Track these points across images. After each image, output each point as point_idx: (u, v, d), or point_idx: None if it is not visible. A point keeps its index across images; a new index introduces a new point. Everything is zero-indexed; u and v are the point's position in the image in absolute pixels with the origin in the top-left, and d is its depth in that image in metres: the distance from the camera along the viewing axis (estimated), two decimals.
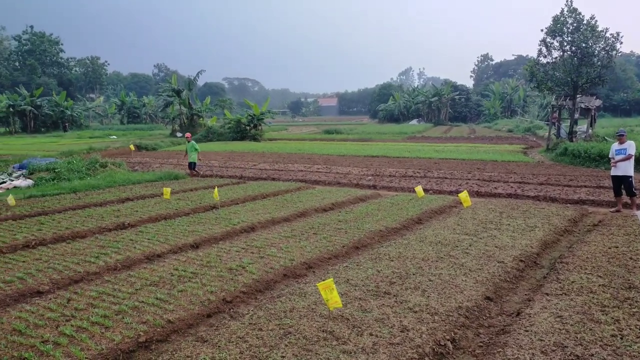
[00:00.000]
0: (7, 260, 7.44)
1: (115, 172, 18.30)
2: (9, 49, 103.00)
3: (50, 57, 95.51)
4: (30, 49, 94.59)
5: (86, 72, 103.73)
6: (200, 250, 8.09)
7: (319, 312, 5.46)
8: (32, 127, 57.51)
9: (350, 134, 47.49)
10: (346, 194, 13.42)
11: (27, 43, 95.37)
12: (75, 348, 4.61)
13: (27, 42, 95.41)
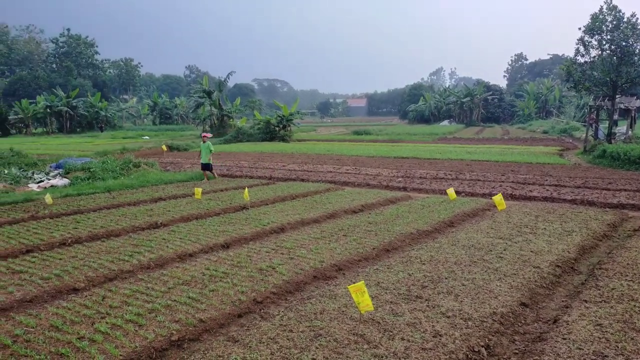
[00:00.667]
0: (45, 257, 7.65)
1: (148, 172, 18.65)
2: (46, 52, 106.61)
3: (85, 59, 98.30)
4: (66, 51, 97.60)
5: (120, 73, 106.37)
6: (230, 250, 8.14)
7: (349, 315, 5.42)
8: (68, 128, 59.27)
9: (380, 134, 47.16)
10: (376, 195, 13.31)
11: (64, 46, 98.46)
12: (110, 345, 4.68)
13: (64, 45, 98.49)
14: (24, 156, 20.98)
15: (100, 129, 59.41)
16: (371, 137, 44.08)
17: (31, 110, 56.56)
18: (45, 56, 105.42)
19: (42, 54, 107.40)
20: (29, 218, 10.66)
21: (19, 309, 5.73)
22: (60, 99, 58.86)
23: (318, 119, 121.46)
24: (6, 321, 5.33)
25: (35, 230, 9.41)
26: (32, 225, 9.89)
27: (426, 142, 38.51)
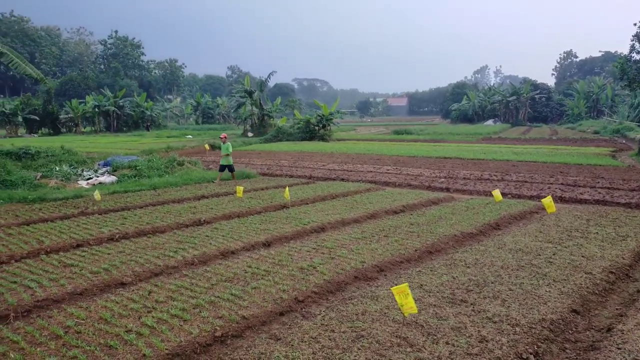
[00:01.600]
0: (94, 252, 7.92)
1: (192, 171, 19.04)
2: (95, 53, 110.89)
3: (132, 60, 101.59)
4: (114, 53, 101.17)
5: (165, 74, 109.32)
6: (272, 249, 8.19)
7: (391, 317, 5.34)
8: (115, 127, 61.34)
9: (421, 134, 46.47)
10: (418, 196, 13.10)
11: (112, 47, 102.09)
12: (156, 339, 4.78)
13: (112, 47, 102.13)
14: (74, 154, 21.82)
15: (146, 128, 61.21)
16: (412, 137, 43.49)
17: (80, 109, 58.86)
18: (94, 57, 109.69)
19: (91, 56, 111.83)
20: (79, 214, 11.07)
21: (70, 301, 5.95)
22: (108, 99, 61.00)
23: (358, 118, 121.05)
24: (58, 312, 5.54)
25: (85, 225, 9.76)
26: (81, 220, 10.27)
27: (470, 142, 37.64)
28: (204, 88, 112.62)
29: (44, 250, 8.00)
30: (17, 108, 55.40)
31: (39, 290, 6.14)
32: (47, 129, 57.25)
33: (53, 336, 4.93)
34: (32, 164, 18.88)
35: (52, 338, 4.89)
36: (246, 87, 48.48)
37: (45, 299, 5.89)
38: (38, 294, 6.00)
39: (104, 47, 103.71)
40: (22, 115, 55.05)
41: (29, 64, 16.14)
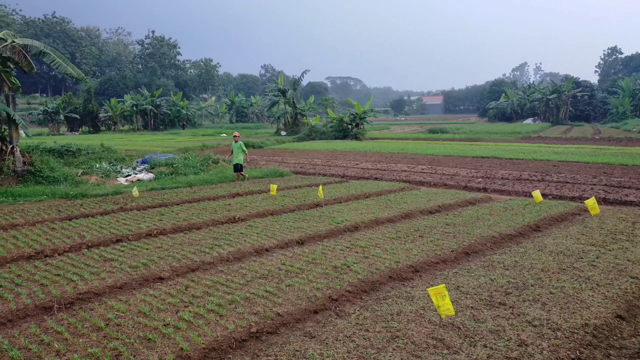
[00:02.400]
0: (133, 247, 8.11)
1: (226, 169, 19.30)
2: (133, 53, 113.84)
3: (168, 60, 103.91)
4: (151, 53, 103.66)
5: (200, 73, 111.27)
6: (305, 247, 8.20)
7: (427, 318, 5.25)
8: (152, 125, 62.83)
9: (457, 133, 45.71)
10: (454, 196, 12.88)
11: (149, 47, 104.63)
12: (193, 333, 4.85)
13: (149, 47, 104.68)
14: (113, 152, 22.47)
15: (182, 127, 62.47)
16: (448, 136, 42.82)
17: (119, 108, 60.58)
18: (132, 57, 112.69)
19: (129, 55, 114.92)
20: (118, 209, 11.37)
21: (111, 294, 6.10)
22: (145, 97, 62.54)
23: (391, 117, 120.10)
24: (99, 305, 5.69)
25: (124, 221, 10.02)
26: (121, 216, 10.54)
27: (508, 141, 36.77)
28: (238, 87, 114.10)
29: (85, 245, 8.25)
30: (59, 107, 57.48)
31: (81, 283, 6.33)
32: (87, 127, 59.14)
33: (94, 328, 5.07)
34: (74, 161, 19.54)
35: (94, 330, 5.03)
36: (280, 86, 48.83)
37: (87, 291, 6.07)
38: (80, 287, 6.19)
39: (142, 47, 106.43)
40: (64, 114, 57.07)
41: (70, 63, 16.66)
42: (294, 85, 48.96)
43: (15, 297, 5.87)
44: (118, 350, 4.55)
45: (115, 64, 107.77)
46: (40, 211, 11.09)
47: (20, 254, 7.70)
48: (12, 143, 15.26)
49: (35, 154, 17.55)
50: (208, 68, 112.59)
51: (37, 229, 9.31)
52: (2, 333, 5.01)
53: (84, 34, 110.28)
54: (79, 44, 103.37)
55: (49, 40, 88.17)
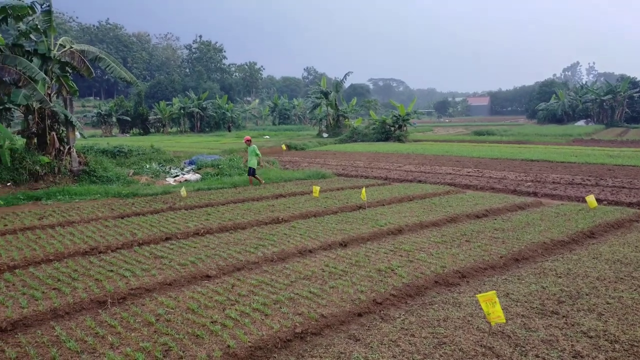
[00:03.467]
0: (181, 245, 8.33)
1: (269, 170, 19.54)
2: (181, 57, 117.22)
3: (214, 64, 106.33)
4: (198, 57, 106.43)
5: (244, 76, 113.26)
6: (348, 249, 8.18)
7: (475, 325, 5.13)
8: (199, 127, 64.38)
9: (504, 135, 44.37)
10: (502, 200, 12.53)
11: (196, 52, 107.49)
12: (240, 331, 4.93)
13: (196, 51, 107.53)
14: (162, 153, 23.18)
15: (227, 129, 63.69)
16: (495, 138, 41.68)
17: (167, 111, 62.43)
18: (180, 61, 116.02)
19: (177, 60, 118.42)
20: (167, 209, 11.72)
21: (161, 290, 6.29)
22: (192, 101, 64.20)
23: (435, 118, 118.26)
24: (150, 301, 5.87)
25: (173, 220, 10.31)
26: (169, 215, 10.86)
27: (559, 143, 35.43)
28: (281, 89, 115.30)
29: (137, 242, 8.55)
30: (112, 109, 59.86)
31: (132, 279, 6.56)
32: (138, 129, 61.26)
33: (145, 323, 5.23)
34: (125, 161, 20.30)
35: (145, 324, 5.19)
36: (322, 88, 48.96)
37: (138, 287, 6.28)
38: (132, 283, 6.41)
39: (189, 51, 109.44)
40: (116, 116, 59.38)
41: (123, 68, 17.33)
42: (337, 88, 48.95)
43: (72, 291, 6.15)
44: (168, 346, 4.68)
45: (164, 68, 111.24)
46: (95, 209, 11.57)
47: (77, 249, 8.06)
48: (69, 144, 16.01)
49: (90, 155, 18.34)
50: (252, 71, 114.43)
51: (92, 226, 9.72)
52: (61, 325, 5.25)
53: (135, 39, 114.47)
54: (131, 49, 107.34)
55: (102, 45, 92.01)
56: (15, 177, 14.26)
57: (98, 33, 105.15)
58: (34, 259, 7.57)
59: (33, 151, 15.23)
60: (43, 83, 14.73)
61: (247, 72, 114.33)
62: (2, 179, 13.93)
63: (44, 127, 15.61)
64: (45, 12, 14.99)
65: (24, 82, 13.85)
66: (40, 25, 15.31)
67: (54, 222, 10.11)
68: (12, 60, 14.01)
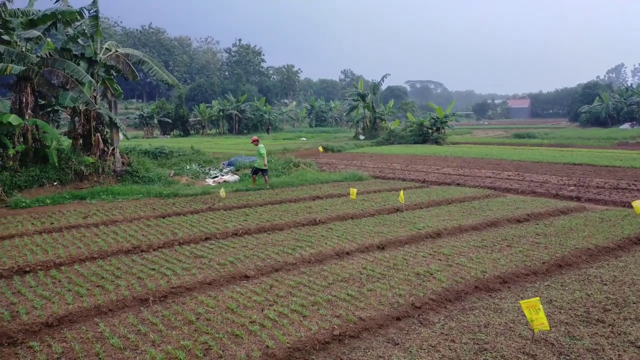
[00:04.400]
0: (221, 245, 8.48)
1: (306, 172, 19.64)
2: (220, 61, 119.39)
3: (253, 67, 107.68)
4: (237, 60, 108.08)
5: (282, 79, 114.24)
6: (386, 252, 8.12)
7: (517, 332, 5.00)
8: (237, 129, 65.33)
9: (546, 138, 43.15)
10: (543, 204, 12.17)
11: (235, 55, 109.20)
12: (278, 332, 4.97)
13: (235, 54, 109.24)
14: (202, 154, 23.65)
15: (266, 131, 64.43)
16: (536, 141, 40.55)
17: (207, 113, 63.63)
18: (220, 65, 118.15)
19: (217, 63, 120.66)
20: (207, 209, 11.94)
21: (200, 289, 6.41)
22: (231, 103, 65.26)
23: (474, 121, 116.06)
24: (190, 300, 6.00)
25: (212, 220, 10.50)
26: (209, 215, 11.07)
27: (602, 147, 34.12)
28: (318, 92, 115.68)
29: (177, 242, 8.75)
30: (153, 112, 61.52)
31: (173, 278, 6.72)
32: (178, 131, 62.71)
33: (186, 321, 5.35)
34: (166, 162, 20.83)
35: (185, 323, 5.31)
36: (359, 90, 48.89)
37: (179, 286, 6.42)
38: (173, 281, 6.56)
39: (229, 54, 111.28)
40: (157, 118, 60.98)
41: (166, 71, 17.80)
42: (374, 90, 48.77)
43: (115, 288, 6.35)
44: (208, 345, 4.77)
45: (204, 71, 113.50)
46: (137, 209, 11.92)
47: (120, 248, 8.32)
48: (113, 145, 16.55)
49: (133, 155, 18.92)
50: (290, 74, 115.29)
51: (134, 226, 10.01)
52: (105, 321, 5.43)
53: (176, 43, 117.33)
54: (172, 53, 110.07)
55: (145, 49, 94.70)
56: (62, 177, 14.83)
57: (141, 37, 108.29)
58: (79, 256, 7.86)
59: (79, 152, 15.82)
60: (89, 86, 15.28)
61: (284, 74, 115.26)
62: (49, 179, 14.53)
63: (90, 128, 16.19)
64: (92, 17, 15.56)
65: (71, 84, 14.41)
66: (88, 30, 15.90)
67: (98, 221, 10.46)
68: (61, 64, 14.60)
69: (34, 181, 14.17)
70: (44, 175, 14.46)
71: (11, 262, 7.47)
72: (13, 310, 5.61)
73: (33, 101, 14.93)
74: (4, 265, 7.35)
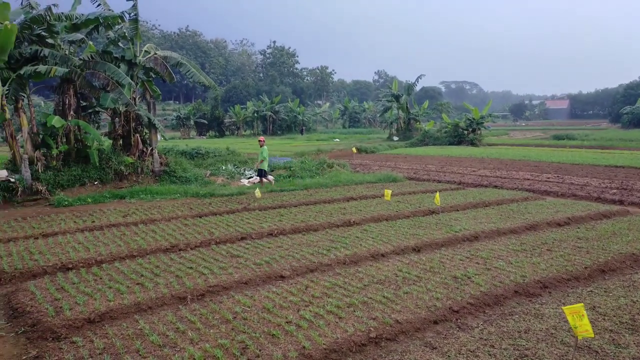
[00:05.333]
0: (256, 245, 8.56)
1: (340, 173, 19.61)
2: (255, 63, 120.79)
3: (287, 68, 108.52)
4: (272, 62, 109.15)
5: (315, 80, 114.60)
6: (422, 254, 8.03)
7: (559, 339, 4.86)
8: (271, 130, 65.90)
9: (586, 140, 41.75)
10: (585, 208, 11.77)
11: (270, 57, 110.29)
12: (314, 333, 4.98)
13: (270, 56, 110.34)
14: (237, 155, 23.93)
15: (301, 132, 64.79)
16: (575, 142, 39.30)
17: (242, 114, 64.46)
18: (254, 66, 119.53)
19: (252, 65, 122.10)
20: (242, 209, 12.09)
21: (237, 289, 6.49)
22: (265, 104, 65.88)
23: (510, 122, 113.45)
24: (227, 299, 6.08)
25: (248, 220, 10.61)
26: (244, 215, 11.19)
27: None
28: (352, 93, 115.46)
29: (214, 241, 8.89)
30: (190, 113, 62.75)
31: (210, 277, 6.82)
32: (214, 132, 63.75)
33: (223, 320, 5.42)
34: (203, 162, 21.19)
35: (223, 322, 5.38)
36: (393, 91, 48.52)
37: (216, 284, 6.52)
38: (210, 280, 6.66)
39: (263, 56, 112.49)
40: (194, 120, 62.16)
41: (203, 73, 18.13)
42: (408, 90, 48.29)
43: (154, 286, 6.49)
44: (245, 344, 4.81)
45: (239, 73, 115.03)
46: (175, 208, 12.17)
47: (158, 246, 8.51)
48: (151, 145, 16.96)
49: (170, 156, 19.32)
50: (323, 75, 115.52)
51: (172, 225, 10.23)
52: (144, 318, 5.55)
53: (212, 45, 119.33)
54: (208, 55, 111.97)
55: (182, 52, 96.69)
56: (102, 176, 15.29)
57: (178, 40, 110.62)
58: (119, 254, 8.08)
59: (118, 152, 16.27)
60: (129, 88, 15.71)
61: (318, 76, 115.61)
62: (90, 178, 14.99)
63: (129, 129, 16.63)
64: (132, 21, 15.99)
65: (111, 86, 14.84)
66: (128, 33, 16.34)
67: (137, 220, 10.74)
68: (102, 66, 15.06)
69: (76, 180, 14.65)
70: (86, 174, 14.94)
71: (55, 259, 7.75)
72: (57, 306, 5.82)
73: (75, 103, 15.44)
74: (48, 262, 7.63)
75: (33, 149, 14.40)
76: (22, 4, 14.95)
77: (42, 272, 7.27)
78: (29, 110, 15.14)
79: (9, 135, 14.22)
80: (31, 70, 13.38)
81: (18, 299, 6.18)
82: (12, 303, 6.15)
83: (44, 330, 5.24)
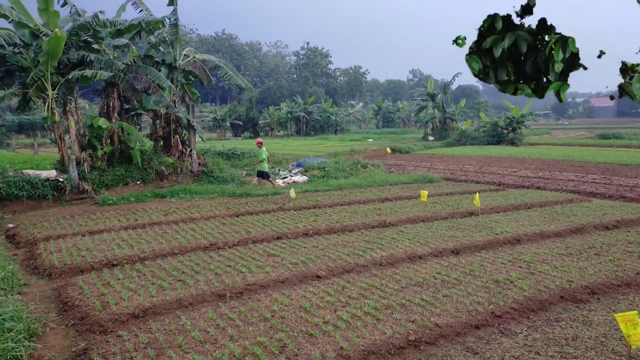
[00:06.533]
0: (292, 244, 8.57)
1: (374, 173, 19.46)
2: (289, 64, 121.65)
3: (320, 69, 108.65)
4: (305, 63, 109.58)
5: (349, 80, 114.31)
6: (461, 257, 7.85)
7: (610, 347, 4.64)
8: (304, 131, 66.19)
9: (634, 139, 39.98)
10: (635, 210, 11.26)
11: (304, 58, 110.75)
12: (352, 334, 4.93)
13: (304, 57, 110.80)
14: (272, 155, 24.11)
15: (335, 132, 64.86)
16: (623, 142, 37.73)
17: (276, 115, 65.00)
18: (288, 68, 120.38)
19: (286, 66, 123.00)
20: (278, 209, 12.15)
21: (274, 288, 6.51)
22: (298, 105, 66.21)
23: (552, 121, 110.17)
24: (265, 297, 6.10)
25: (283, 220, 10.65)
26: (280, 215, 11.24)
27: None
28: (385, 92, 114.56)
29: (251, 240, 8.96)
30: (226, 114, 63.72)
31: (248, 275, 6.87)
32: (249, 133, 64.53)
33: (261, 318, 5.44)
34: (239, 163, 21.45)
35: (261, 320, 5.40)
36: (429, 90, 47.91)
37: (254, 283, 6.56)
38: (248, 279, 6.71)
39: (297, 57, 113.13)
40: (230, 121, 63.10)
41: (239, 75, 18.35)
42: (444, 89, 47.52)
43: (195, 283, 6.58)
44: (283, 342, 4.81)
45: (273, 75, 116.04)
46: (213, 207, 12.35)
47: (198, 245, 8.64)
48: (190, 146, 17.28)
49: (208, 156, 19.65)
50: (357, 75, 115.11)
51: (211, 223, 10.37)
52: (186, 314, 5.64)
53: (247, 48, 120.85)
54: (243, 57, 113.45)
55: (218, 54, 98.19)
56: (144, 176, 15.69)
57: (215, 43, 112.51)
58: (161, 251, 8.25)
59: (159, 153, 16.67)
60: (169, 90, 16.06)
61: (351, 76, 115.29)
62: (133, 178, 15.41)
63: (169, 130, 17.00)
64: (172, 25, 16.34)
65: (153, 89, 15.21)
66: (168, 38, 16.72)
67: (178, 219, 10.94)
68: (144, 70, 15.45)
69: (119, 180, 15.09)
70: (129, 174, 15.36)
71: (101, 256, 7.98)
72: (103, 301, 5.98)
73: (119, 105, 15.90)
74: (94, 258, 7.86)
75: (80, 150, 14.92)
76: (70, 12, 15.50)
77: (89, 268, 7.49)
78: (76, 113, 15.69)
79: (58, 137, 14.80)
80: (78, 75, 13.86)
81: (67, 293, 6.39)
82: (62, 297, 6.36)
83: (91, 324, 5.40)
